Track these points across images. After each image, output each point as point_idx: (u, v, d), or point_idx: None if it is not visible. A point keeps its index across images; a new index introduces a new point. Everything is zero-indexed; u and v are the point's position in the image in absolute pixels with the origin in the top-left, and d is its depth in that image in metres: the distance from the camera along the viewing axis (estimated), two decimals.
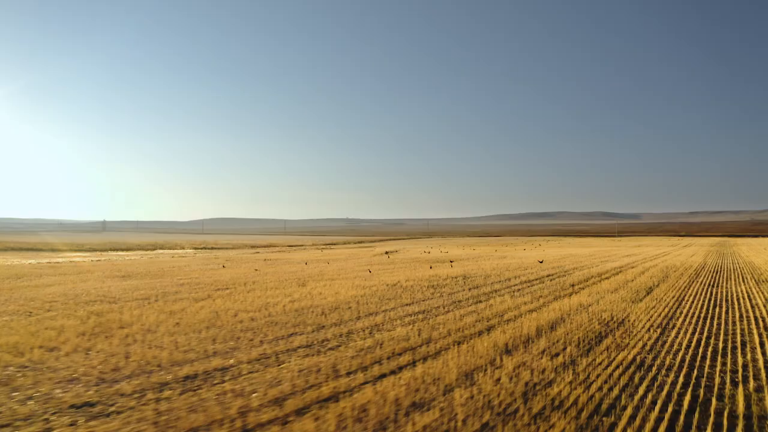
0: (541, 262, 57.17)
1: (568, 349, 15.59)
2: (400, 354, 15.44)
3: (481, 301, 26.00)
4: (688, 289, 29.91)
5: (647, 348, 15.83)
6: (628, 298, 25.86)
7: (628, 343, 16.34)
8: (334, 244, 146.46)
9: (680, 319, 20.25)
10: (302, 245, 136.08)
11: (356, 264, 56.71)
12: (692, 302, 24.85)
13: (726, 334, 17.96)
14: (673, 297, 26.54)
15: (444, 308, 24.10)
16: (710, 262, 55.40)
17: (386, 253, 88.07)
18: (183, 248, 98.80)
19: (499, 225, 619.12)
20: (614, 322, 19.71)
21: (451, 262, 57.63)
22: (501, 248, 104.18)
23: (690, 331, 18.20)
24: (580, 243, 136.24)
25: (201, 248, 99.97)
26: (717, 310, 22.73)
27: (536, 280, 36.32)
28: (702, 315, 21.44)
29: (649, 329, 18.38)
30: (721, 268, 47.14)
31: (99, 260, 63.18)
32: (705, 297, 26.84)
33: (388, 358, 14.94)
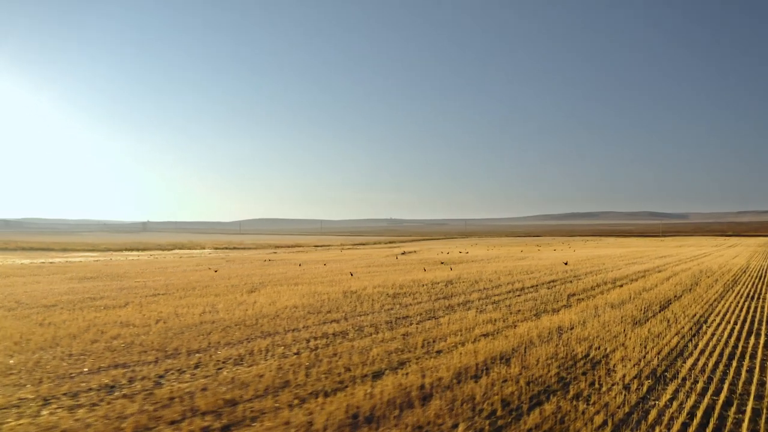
0: (566, 263, 49.63)
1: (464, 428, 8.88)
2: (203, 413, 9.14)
3: (433, 318, 19.36)
4: (718, 304, 22.12)
5: None
6: (630, 318, 18.57)
7: (583, 414, 9.43)
8: (364, 245, 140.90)
9: (690, 361, 12.93)
10: (329, 245, 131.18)
11: (352, 266, 50.61)
12: (718, 326, 17.30)
13: (761, 398, 10.69)
14: (694, 316, 19.01)
15: (373, 328, 17.65)
16: (754, 264, 46.10)
17: (403, 253, 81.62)
18: (203, 248, 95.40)
19: (542, 225, 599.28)
20: (585, 364, 12.69)
21: (450, 265, 50.64)
22: (530, 249, 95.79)
23: (698, 391, 10.94)
24: (619, 243, 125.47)
25: (222, 248, 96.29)
26: (752, 341, 15.16)
27: (533, 287, 29.14)
28: (727, 353, 14.02)
29: (630, 383, 11.28)
30: (766, 272, 38.25)
31: (97, 260, 59.63)
32: (738, 317, 19.15)
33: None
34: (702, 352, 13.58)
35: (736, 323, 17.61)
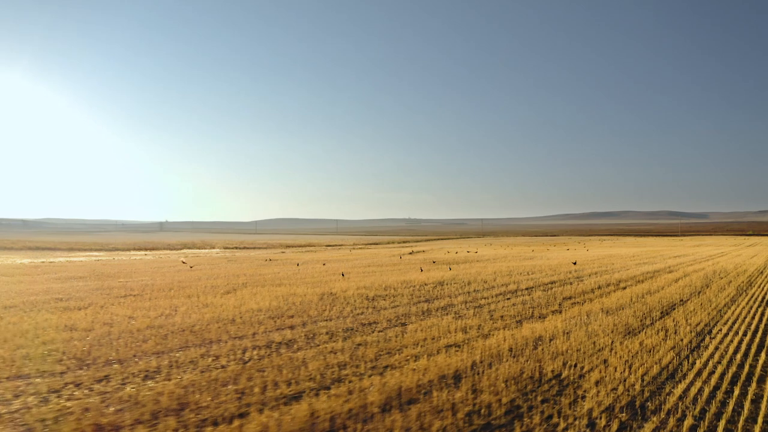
0: (575, 263, 46.76)
1: None
2: None
3: (402, 324, 17.08)
4: (728, 310, 19.32)
5: None
6: (623, 327, 16.02)
7: None
8: (377, 244, 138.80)
9: (681, 386, 10.37)
10: (341, 245, 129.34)
11: (351, 266, 48.50)
12: (724, 337, 14.63)
13: None
14: (698, 325, 16.35)
15: (328, 336, 15.48)
16: None
17: (410, 253, 79.23)
18: (213, 248, 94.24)
19: (561, 225, 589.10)
20: (551, 388, 10.29)
21: (451, 265, 48.14)
22: (542, 248, 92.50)
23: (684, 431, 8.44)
24: (635, 243, 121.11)
25: (232, 248, 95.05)
26: (762, 358, 12.43)
27: (528, 289, 26.60)
28: (730, 374, 11.43)
29: (599, 417, 8.84)
30: None
31: (98, 260, 58.53)
32: (749, 326, 16.40)
33: None
34: (699, 373, 11.01)
35: (745, 334, 14.90)
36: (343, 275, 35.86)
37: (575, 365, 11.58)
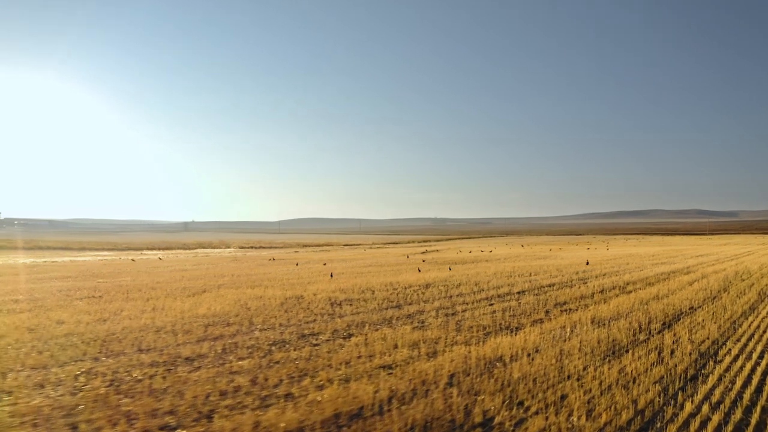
0: (587, 263, 43.02)
1: None
2: None
3: (348, 336, 14.22)
4: (744, 321, 15.70)
5: None
6: (608, 344, 12.77)
7: None
8: (396, 243, 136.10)
9: None
10: (359, 244, 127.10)
11: (351, 266, 45.92)
12: (733, 362, 11.18)
13: None
14: (703, 342, 12.95)
15: (247, 350, 12.78)
16: None
17: (423, 252, 76.13)
18: (228, 247, 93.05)
19: (587, 224, 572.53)
20: None
21: (451, 265, 44.90)
22: (561, 247, 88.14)
23: None
24: (660, 242, 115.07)
25: (248, 247, 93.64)
26: None
27: (520, 293, 23.39)
28: (731, 428, 8.14)
29: None
30: None
31: (102, 260, 57.39)
32: (767, 347, 12.91)
33: None
34: (686, 425, 7.75)
35: (761, 358, 11.45)
36: (331, 276, 33.14)
37: (521, 403, 8.51)
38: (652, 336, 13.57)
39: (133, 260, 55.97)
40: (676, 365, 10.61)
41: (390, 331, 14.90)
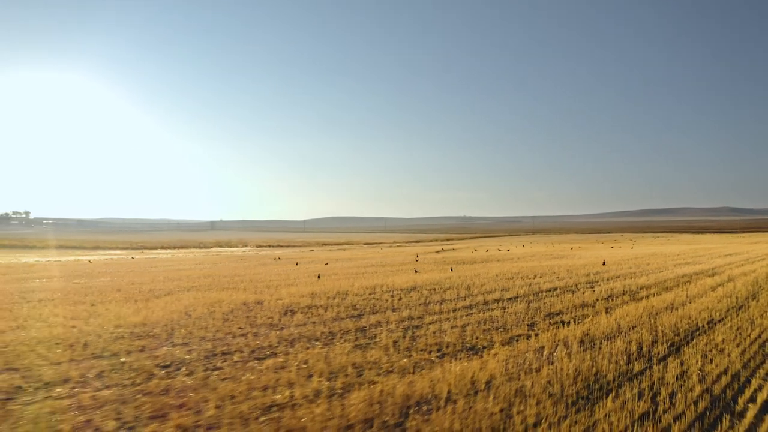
0: (604, 263, 39.03)
1: None
2: None
3: (262, 358, 11.29)
4: None
5: None
6: (587, 379, 9.40)
7: None
8: (418, 242, 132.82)
9: None
10: (380, 243, 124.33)
11: (355, 265, 43.12)
12: (763, 414, 7.69)
13: None
14: (719, 379, 9.40)
15: (103, 378, 9.80)
16: None
17: (437, 252, 72.71)
18: (245, 246, 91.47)
19: (616, 222, 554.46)
20: None
21: (452, 266, 41.45)
22: (583, 246, 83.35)
23: None
24: (689, 240, 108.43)
25: (265, 246, 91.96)
26: None
27: (512, 299, 20.02)
28: None
29: None
30: None
31: (106, 259, 55.96)
32: None
33: None
34: None
35: None
36: (318, 277, 30.23)
37: None
38: (652, 366, 10.08)
39: (132, 258, 54.59)
40: (672, 422, 7.19)
41: (323, 350, 11.83)
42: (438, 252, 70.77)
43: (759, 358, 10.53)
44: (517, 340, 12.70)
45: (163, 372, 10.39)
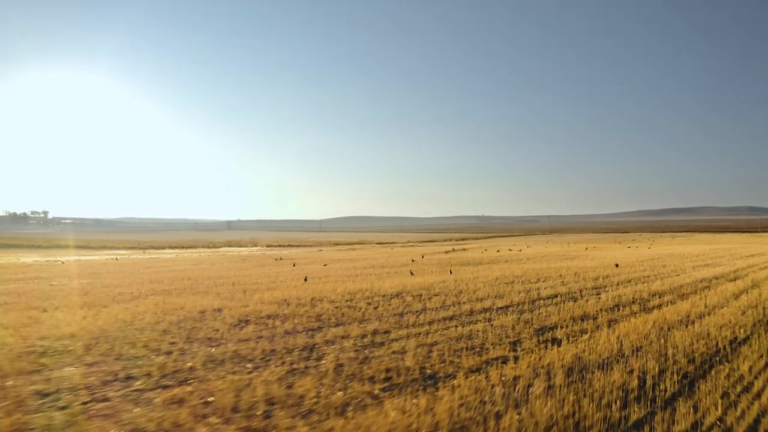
0: (617, 265, 36.03)
1: None
2: None
3: (166, 386, 8.92)
4: None
5: None
6: None
7: None
8: (431, 242, 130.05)
9: None
10: (393, 243, 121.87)
11: (353, 266, 40.83)
12: None
13: None
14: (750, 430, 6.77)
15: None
16: None
17: (446, 252, 70.04)
18: (256, 245, 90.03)
19: (635, 221, 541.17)
20: None
21: (451, 267, 38.76)
22: (598, 246, 79.69)
23: None
24: (708, 240, 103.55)
25: (276, 246, 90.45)
26: None
27: (503, 308, 17.47)
28: None
29: None
30: None
31: (107, 260, 54.64)
32: None
33: None
34: None
35: None
36: (305, 280, 27.98)
37: None
38: (655, 412, 7.49)
39: (133, 258, 53.24)
40: None
41: (248, 377, 9.51)
42: (447, 252, 68.09)
43: None
44: (491, 366, 10.19)
45: (38, 403, 8.23)
